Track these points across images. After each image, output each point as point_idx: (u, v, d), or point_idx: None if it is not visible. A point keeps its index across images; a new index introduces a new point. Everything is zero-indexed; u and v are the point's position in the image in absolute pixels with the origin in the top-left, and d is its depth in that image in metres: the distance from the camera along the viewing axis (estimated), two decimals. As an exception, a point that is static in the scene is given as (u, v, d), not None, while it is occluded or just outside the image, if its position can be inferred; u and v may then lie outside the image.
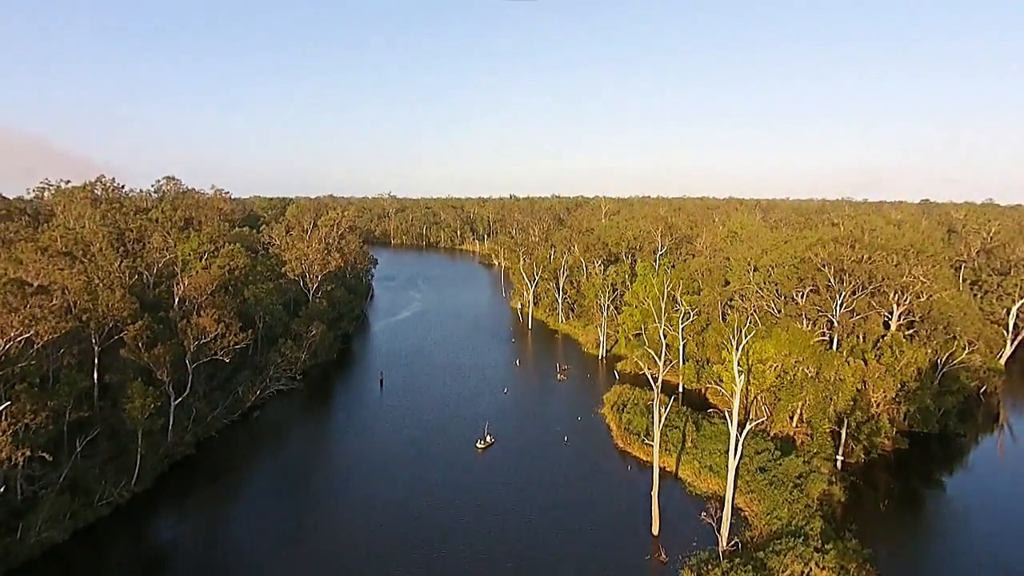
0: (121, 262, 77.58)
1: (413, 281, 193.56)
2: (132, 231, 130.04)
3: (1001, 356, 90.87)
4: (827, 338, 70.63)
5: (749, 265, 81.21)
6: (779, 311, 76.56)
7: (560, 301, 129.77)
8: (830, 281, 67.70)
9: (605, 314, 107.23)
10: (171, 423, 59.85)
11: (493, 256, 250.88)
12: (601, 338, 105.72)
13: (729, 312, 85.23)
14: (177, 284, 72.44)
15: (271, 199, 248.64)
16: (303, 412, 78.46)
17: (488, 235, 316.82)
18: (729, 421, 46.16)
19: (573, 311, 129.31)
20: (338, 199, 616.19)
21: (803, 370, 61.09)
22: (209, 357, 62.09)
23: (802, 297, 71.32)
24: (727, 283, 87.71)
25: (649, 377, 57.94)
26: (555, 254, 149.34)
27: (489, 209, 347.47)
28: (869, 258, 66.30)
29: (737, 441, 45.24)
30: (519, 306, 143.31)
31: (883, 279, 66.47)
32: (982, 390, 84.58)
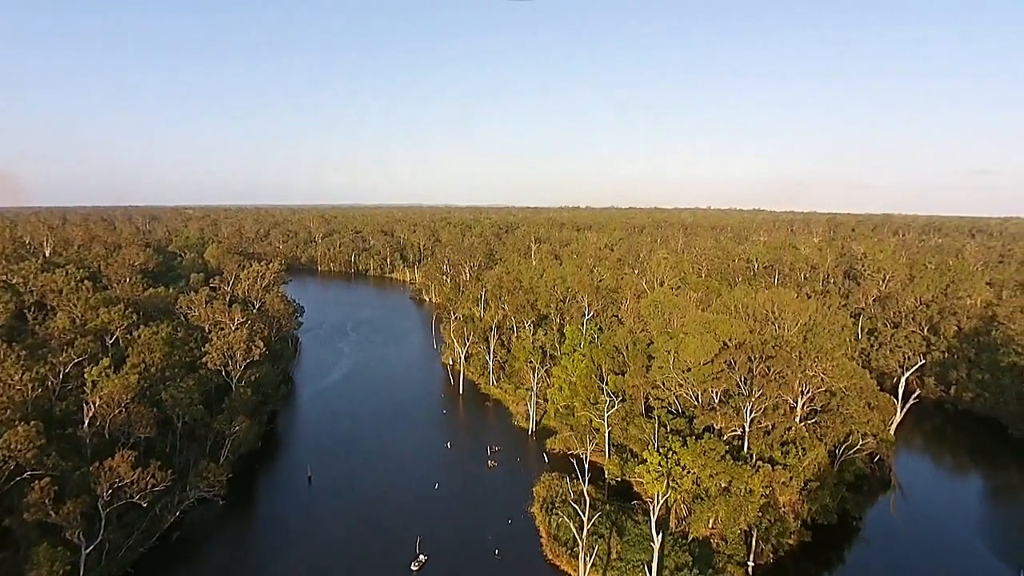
0: (23, 374, 72.56)
1: (342, 329, 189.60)
2: (33, 293, 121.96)
3: (892, 423, 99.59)
4: (739, 433, 75.55)
5: (670, 355, 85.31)
6: (698, 399, 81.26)
7: (490, 363, 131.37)
8: (740, 387, 72.64)
9: (536, 384, 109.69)
10: (82, 572, 56.84)
11: (424, 291, 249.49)
12: (531, 412, 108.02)
13: (651, 395, 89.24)
14: (87, 404, 68.73)
15: (187, 238, 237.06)
16: (227, 525, 75.76)
17: (419, 261, 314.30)
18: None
19: (504, 371, 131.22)
20: (263, 211, 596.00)
21: (716, 484, 65.24)
22: (124, 501, 59.36)
23: (716, 396, 76.07)
24: (649, 364, 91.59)
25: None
26: (485, 312, 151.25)
27: (420, 235, 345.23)
28: (778, 373, 71.42)
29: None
30: (450, 362, 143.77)
31: (784, 386, 71.98)
32: (876, 459, 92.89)
